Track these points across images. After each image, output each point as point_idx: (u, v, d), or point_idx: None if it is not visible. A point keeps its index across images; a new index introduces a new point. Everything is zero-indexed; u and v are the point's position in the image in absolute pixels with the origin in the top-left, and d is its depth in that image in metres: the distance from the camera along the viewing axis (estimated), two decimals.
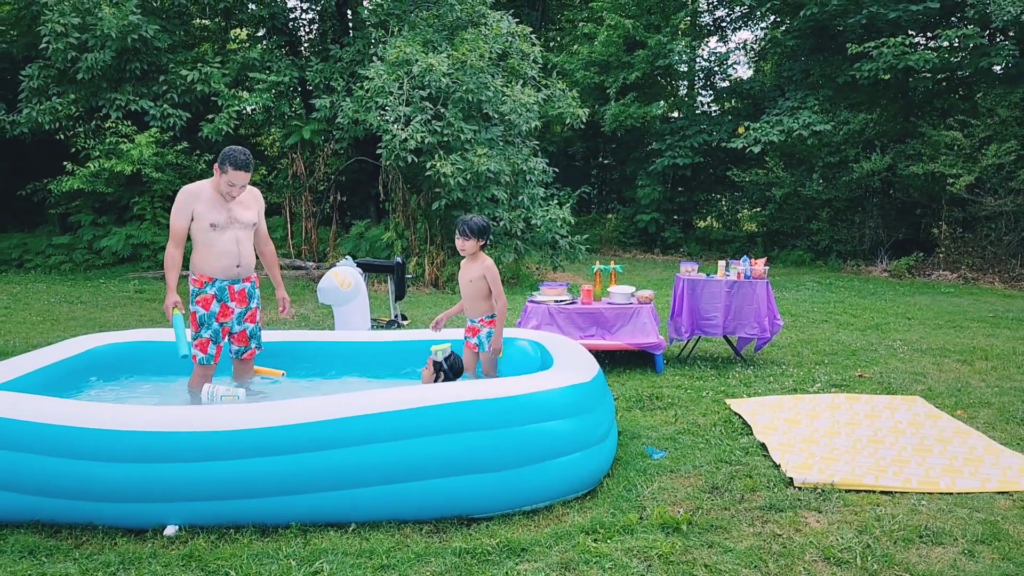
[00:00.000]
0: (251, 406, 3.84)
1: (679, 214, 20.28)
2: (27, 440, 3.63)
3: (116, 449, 3.57)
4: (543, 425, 3.91)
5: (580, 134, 21.58)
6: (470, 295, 4.94)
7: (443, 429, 3.76)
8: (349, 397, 3.84)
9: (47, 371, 4.74)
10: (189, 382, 4.90)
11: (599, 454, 4.12)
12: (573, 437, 3.99)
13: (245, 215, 4.83)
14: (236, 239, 4.78)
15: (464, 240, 4.85)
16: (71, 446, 3.59)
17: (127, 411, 3.71)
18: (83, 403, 3.85)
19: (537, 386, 4.01)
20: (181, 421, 3.63)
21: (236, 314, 4.89)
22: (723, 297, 7.00)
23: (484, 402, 3.84)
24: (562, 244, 12.46)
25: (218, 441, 3.58)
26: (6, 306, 9.98)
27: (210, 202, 4.71)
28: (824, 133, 15.81)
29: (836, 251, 16.71)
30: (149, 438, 3.58)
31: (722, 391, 6.12)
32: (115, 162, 12.72)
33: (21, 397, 3.89)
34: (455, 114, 11.81)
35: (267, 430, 3.62)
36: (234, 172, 4.65)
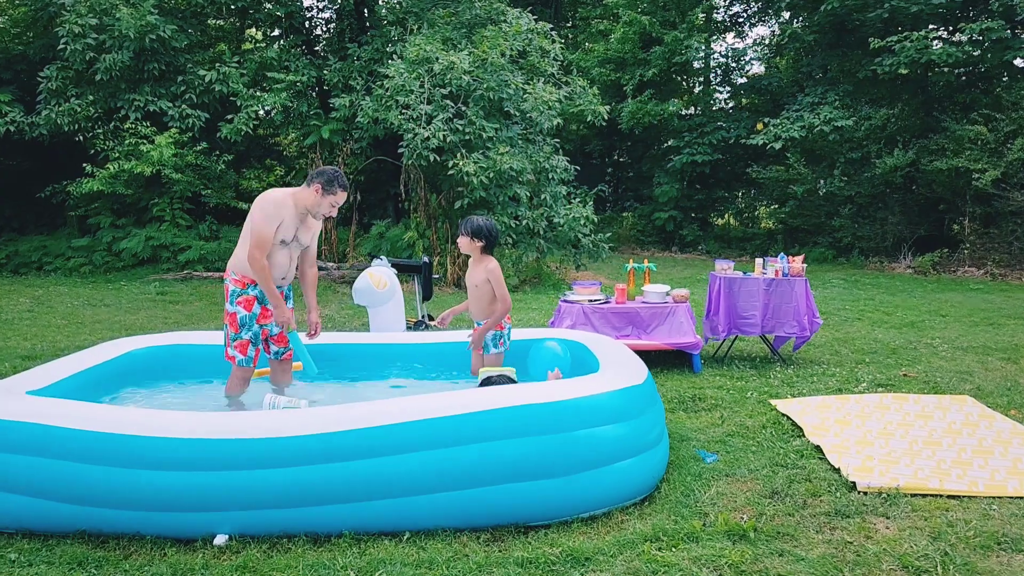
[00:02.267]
0: (301, 412, 3.74)
1: (697, 212, 20.12)
2: (72, 448, 3.53)
3: (165, 456, 3.46)
4: (598, 430, 3.80)
5: (596, 132, 21.45)
6: (476, 298, 4.94)
7: (498, 434, 3.65)
8: (401, 402, 3.74)
9: (85, 375, 4.65)
10: (226, 386, 4.80)
11: (654, 458, 4.01)
12: (628, 441, 3.87)
13: (306, 237, 4.79)
14: (290, 257, 4.75)
15: (461, 237, 4.90)
16: (118, 454, 3.49)
17: (175, 417, 3.61)
18: (129, 409, 3.77)
19: (590, 389, 3.90)
20: (231, 427, 3.53)
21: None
22: (761, 295, 6.86)
23: (539, 406, 3.73)
24: (585, 243, 12.33)
25: (269, 448, 3.48)
26: (29, 309, 9.93)
27: (291, 218, 4.62)
28: (846, 129, 15.63)
29: (859, 248, 16.53)
30: (198, 445, 3.47)
31: (766, 392, 5.99)
32: (135, 163, 12.66)
33: (64, 403, 3.81)
34: (476, 112, 11.70)
35: (319, 436, 3.52)
36: (342, 194, 4.61)
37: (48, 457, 3.56)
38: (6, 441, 3.63)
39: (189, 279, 12.67)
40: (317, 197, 4.58)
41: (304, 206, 4.62)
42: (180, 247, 13.42)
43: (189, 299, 10.89)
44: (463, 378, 5.37)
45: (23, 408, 3.73)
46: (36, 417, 3.63)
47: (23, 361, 6.95)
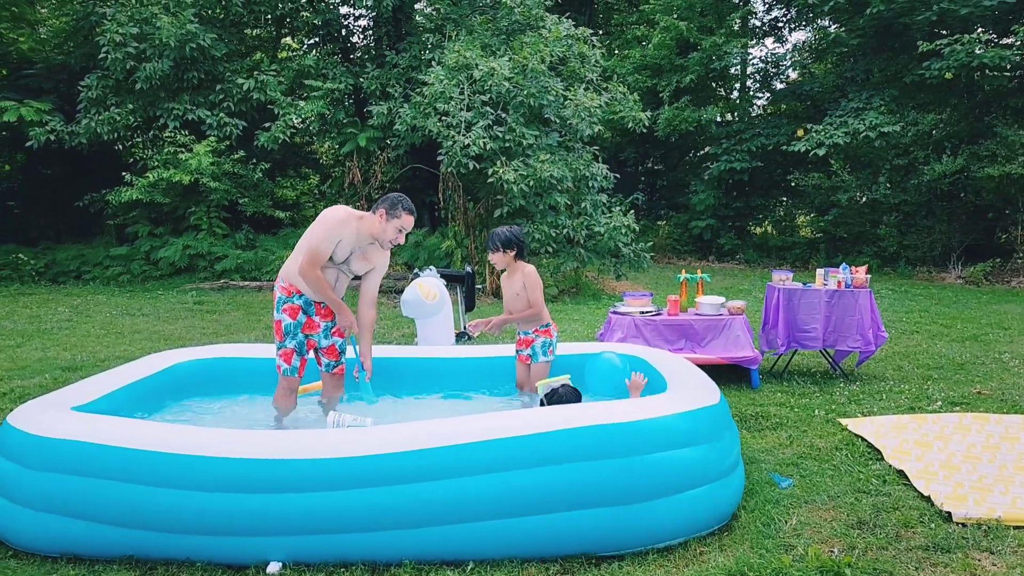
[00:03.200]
0: (357, 431, 3.54)
1: (734, 220, 19.75)
2: (120, 467, 3.36)
3: (218, 477, 3.28)
4: (673, 453, 3.55)
5: (630, 139, 21.18)
6: (519, 308, 4.86)
7: (567, 457, 3.42)
8: (463, 422, 3.52)
9: (129, 390, 4.49)
10: (274, 398, 4.63)
11: (731, 485, 3.75)
12: (704, 466, 3.62)
13: (359, 265, 4.59)
14: (337, 278, 4.56)
15: (492, 254, 4.82)
16: (169, 474, 3.31)
17: (229, 435, 3.43)
18: (180, 426, 3.58)
19: (663, 410, 3.66)
20: (285, 447, 3.33)
21: (322, 328, 4.61)
22: (822, 308, 6.57)
23: (611, 427, 3.49)
24: (625, 252, 12.06)
25: (325, 470, 3.28)
26: (68, 319, 9.88)
27: (350, 239, 4.45)
28: (892, 135, 15.20)
29: (905, 257, 16.07)
30: (250, 466, 3.28)
31: (832, 409, 5.69)
32: (173, 172, 12.63)
33: (110, 420, 3.64)
34: (516, 119, 11.50)
35: (378, 458, 3.31)
36: (408, 217, 4.44)
37: (95, 477, 3.40)
38: (51, 460, 3.47)
39: (226, 288, 12.60)
40: (382, 223, 4.41)
41: (369, 233, 4.46)
42: (217, 256, 13.36)
43: (226, 309, 10.79)
44: (515, 393, 5.15)
45: (69, 425, 3.57)
46: (83, 435, 3.48)
47: (63, 372, 6.85)
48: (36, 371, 6.91)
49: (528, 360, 4.92)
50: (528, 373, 4.96)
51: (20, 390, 6.21)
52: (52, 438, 3.51)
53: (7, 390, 6.21)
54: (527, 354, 4.92)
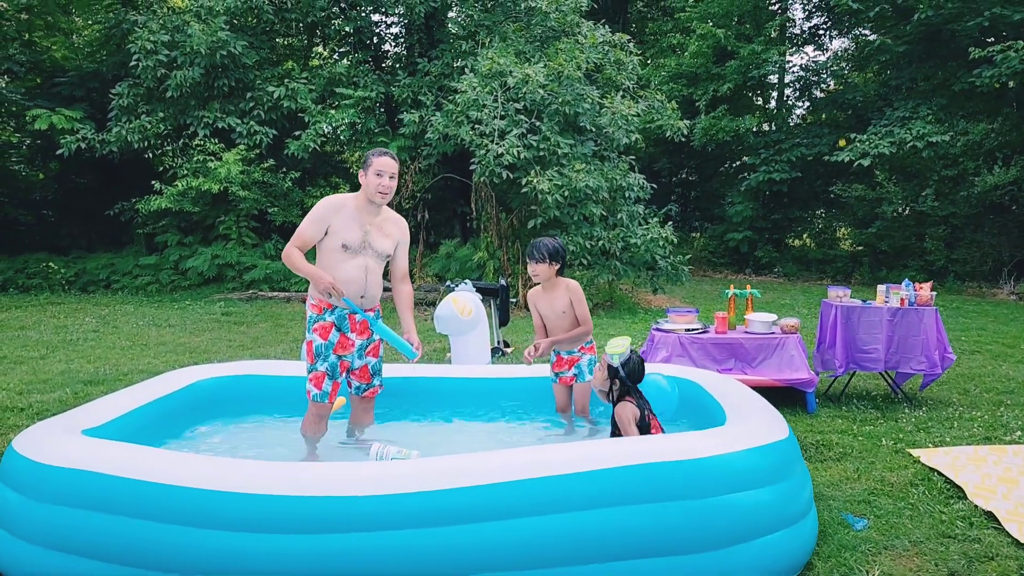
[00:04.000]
0: (410, 464, 3.19)
1: (772, 232, 19.23)
2: (132, 502, 3.05)
3: (241, 516, 2.93)
4: (742, 495, 3.15)
5: (665, 149, 20.77)
6: (564, 326, 4.51)
7: (627, 498, 3.05)
8: (512, 456, 3.16)
9: (146, 410, 4.20)
10: (302, 425, 4.30)
11: (804, 529, 3.34)
12: (776, 510, 3.22)
13: (381, 243, 4.24)
14: (365, 267, 4.18)
15: (535, 264, 4.45)
16: (188, 511, 2.98)
17: (252, 468, 3.08)
18: (199, 457, 3.26)
19: (729, 445, 3.26)
20: (317, 482, 2.98)
21: (357, 346, 4.27)
22: (884, 327, 6.11)
23: (672, 466, 3.11)
24: (663, 265, 11.65)
25: (364, 508, 2.92)
26: (95, 329, 9.69)
27: (350, 219, 4.13)
28: (940, 144, 14.64)
29: (953, 272, 15.45)
30: (280, 504, 2.93)
31: (900, 438, 5.25)
32: (202, 180, 12.47)
33: (122, 448, 3.33)
34: (551, 127, 11.17)
35: (419, 496, 2.95)
36: (377, 159, 4.12)
37: (105, 512, 3.09)
38: (57, 491, 3.17)
39: (254, 299, 12.39)
40: (363, 179, 4.15)
41: (365, 198, 4.16)
42: (246, 266, 13.17)
43: (254, 320, 10.55)
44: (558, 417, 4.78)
45: (77, 452, 3.27)
46: (92, 464, 3.17)
47: (85, 387, 6.61)
48: (57, 385, 6.68)
49: (572, 381, 4.57)
50: (569, 395, 4.62)
51: (38, 405, 5.97)
52: (57, 466, 3.21)
53: (25, 405, 5.97)
54: (571, 375, 4.57)
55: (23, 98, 13.88)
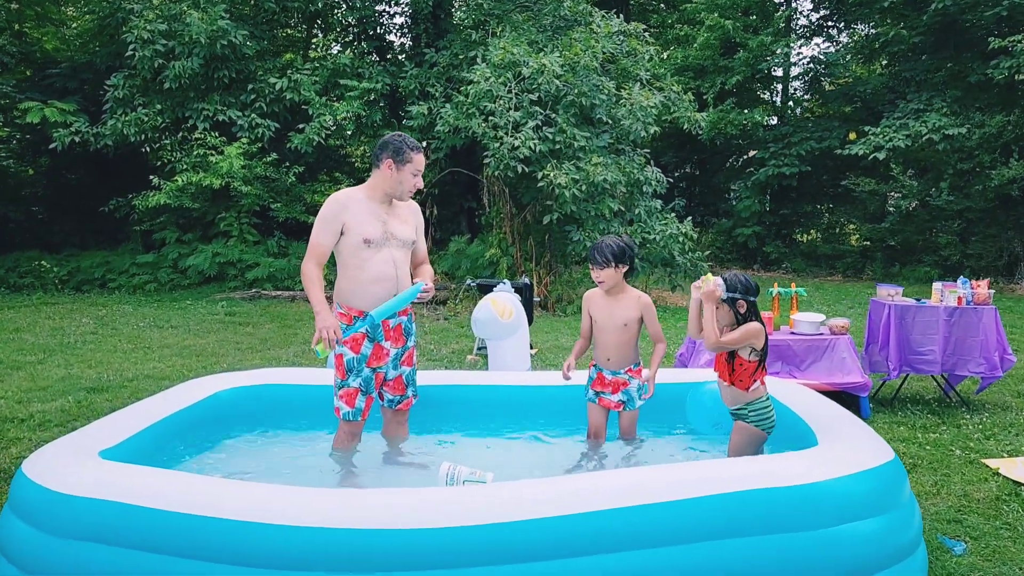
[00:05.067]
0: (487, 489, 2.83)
1: (781, 227, 18.92)
2: (166, 536, 2.68)
3: (292, 552, 2.56)
4: (849, 527, 2.79)
5: (672, 143, 20.42)
6: (620, 342, 3.84)
7: (720, 531, 2.71)
8: (588, 481, 2.79)
9: (165, 425, 3.81)
10: (334, 441, 3.92)
11: (914, 565, 2.96)
12: (885, 543, 2.86)
13: (403, 230, 3.84)
14: (393, 260, 3.76)
15: (599, 270, 3.78)
16: (230, 546, 2.61)
17: (302, 497, 2.69)
18: (241, 484, 2.87)
19: (830, 469, 2.88)
20: (383, 512, 2.60)
21: (392, 356, 3.87)
22: (941, 327, 5.78)
23: (759, 495, 2.74)
24: (680, 261, 11.29)
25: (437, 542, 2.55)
26: (93, 331, 9.26)
27: (365, 212, 3.73)
28: (956, 137, 14.32)
29: (968, 267, 15.16)
30: (337, 537, 2.55)
31: (969, 447, 4.91)
32: (202, 175, 12.02)
33: (151, 474, 2.95)
34: (566, 119, 10.79)
35: (503, 528, 2.58)
36: (417, 156, 3.74)
37: (134, 548, 2.71)
38: (76, 524, 2.79)
39: (258, 298, 11.96)
40: (393, 174, 3.72)
41: (383, 191, 3.76)
42: (248, 264, 12.73)
43: (260, 320, 10.14)
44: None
45: (98, 478, 2.89)
46: (118, 492, 2.79)
47: (88, 394, 6.20)
48: (58, 393, 6.26)
49: (620, 407, 3.94)
50: (606, 418, 4.02)
51: (40, 416, 5.56)
52: (78, 496, 2.83)
53: (26, 415, 5.57)
54: (618, 400, 3.92)
55: (13, 90, 13.38)
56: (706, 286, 3.44)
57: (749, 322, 3.46)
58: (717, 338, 3.41)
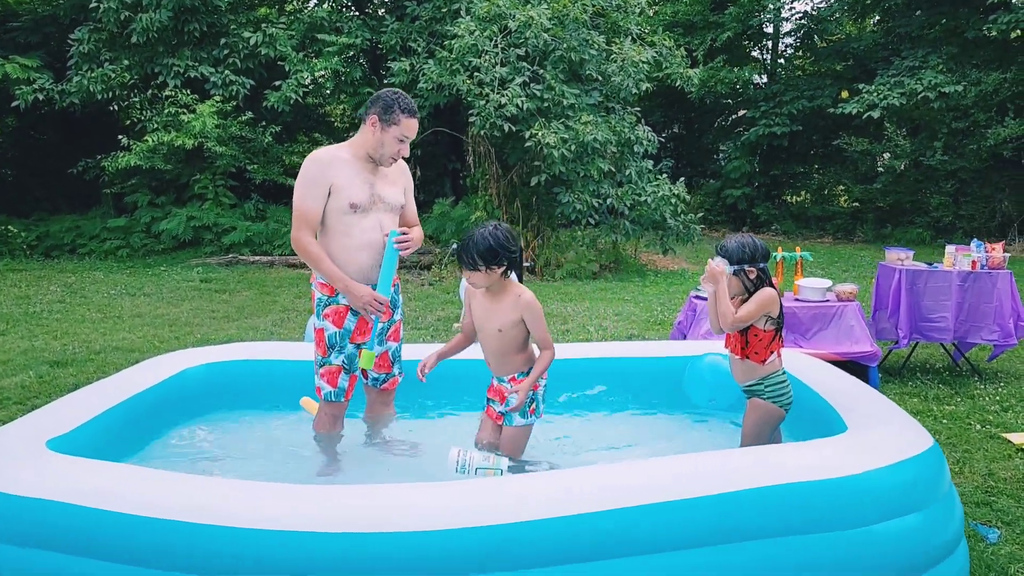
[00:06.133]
0: (502, 480, 2.51)
1: (771, 189, 18.61)
2: (126, 544, 2.35)
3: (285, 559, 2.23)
4: (885, 525, 2.49)
5: (660, 102, 19.96)
6: (499, 348, 3.19)
7: (747, 531, 2.41)
8: (610, 473, 2.48)
9: (126, 409, 3.44)
10: (315, 424, 3.59)
11: (956, 566, 2.67)
12: (926, 541, 2.57)
13: (391, 193, 3.47)
14: (380, 226, 3.39)
15: (469, 272, 3.10)
16: (203, 554, 2.28)
17: (291, 495, 2.37)
18: (215, 481, 2.52)
19: (865, 460, 2.57)
20: (386, 512, 2.27)
21: (378, 331, 3.53)
22: (954, 293, 5.51)
23: (784, 489, 2.44)
24: (672, 224, 10.96)
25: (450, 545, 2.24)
26: (61, 300, 8.83)
27: (351, 173, 3.34)
28: (952, 95, 13.99)
29: (961, 229, 14.94)
30: (330, 543, 2.22)
31: (987, 420, 4.67)
32: (175, 135, 11.48)
33: (105, 469, 2.60)
34: (555, 76, 10.34)
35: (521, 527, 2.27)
36: (407, 121, 3.30)
37: (89, 557, 2.37)
38: (22, 529, 2.45)
39: (235, 264, 11.52)
40: (376, 134, 3.31)
41: (366, 151, 3.37)
42: (224, 228, 12.26)
43: (237, 287, 9.74)
44: (631, 407, 4.10)
45: (45, 476, 2.54)
46: (66, 492, 2.43)
47: (51, 368, 5.82)
48: (19, 367, 5.87)
49: (500, 420, 3.30)
50: (496, 433, 3.32)
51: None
52: (19, 496, 2.48)
53: None
54: (499, 412, 3.29)
55: None
56: (707, 268, 3.11)
57: (762, 289, 3.14)
58: (733, 315, 3.08)
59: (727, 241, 3.19)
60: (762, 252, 3.17)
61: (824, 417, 3.23)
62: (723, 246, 3.17)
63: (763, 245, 3.19)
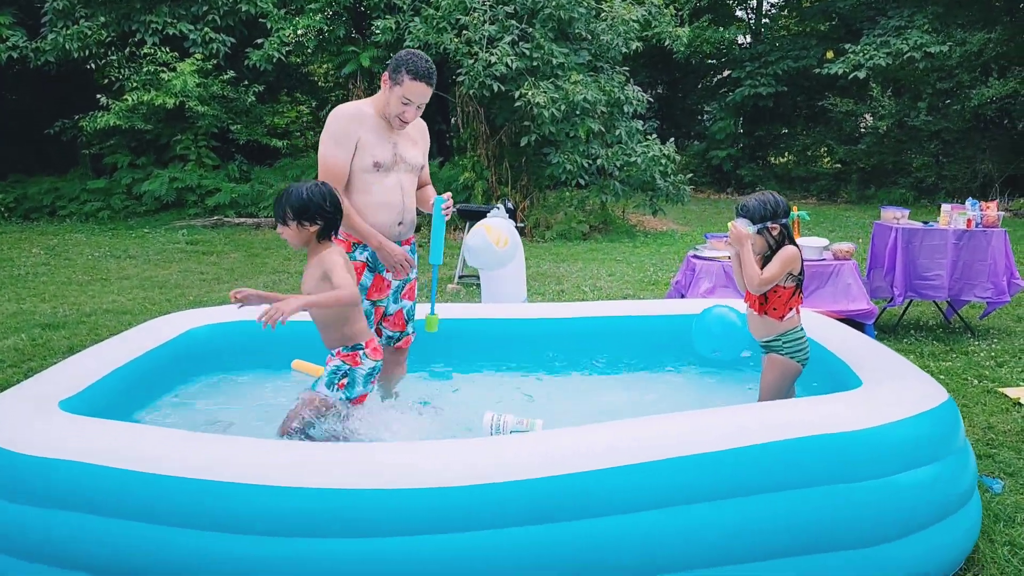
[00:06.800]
0: (536, 437, 2.51)
1: (756, 150, 18.63)
2: (146, 503, 2.31)
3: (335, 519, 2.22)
4: (899, 477, 2.52)
5: (645, 62, 19.82)
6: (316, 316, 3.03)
7: (763, 484, 2.42)
8: (627, 428, 2.48)
9: (132, 370, 3.40)
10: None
11: (969, 517, 2.71)
12: (939, 493, 2.60)
13: (412, 154, 3.42)
14: (401, 186, 3.36)
15: (280, 225, 2.90)
16: (234, 514, 2.26)
17: (320, 453, 2.36)
18: (235, 440, 2.49)
19: (884, 414, 2.59)
20: (416, 469, 2.26)
21: (393, 289, 3.50)
22: (949, 251, 5.56)
23: (806, 442, 2.45)
24: (662, 185, 10.94)
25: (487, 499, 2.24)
26: (44, 263, 8.68)
27: (375, 131, 3.29)
28: (937, 56, 14.01)
29: (944, 189, 15.08)
30: (364, 500, 2.22)
31: (983, 375, 4.74)
32: (154, 94, 11.23)
33: (124, 429, 2.57)
34: (544, 34, 10.21)
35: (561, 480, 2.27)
36: (412, 83, 3.19)
37: (110, 516, 2.34)
38: (42, 490, 2.41)
39: (220, 226, 11.38)
40: (385, 92, 3.26)
41: (382, 111, 3.31)
42: (208, 190, 12.07)
43: (224, 249, 9.62)
44: (629, 368, 4.12)
45: (62, 435, 2.50)
46: (84, 452, 2.40)
47: (44, 331, 5.73)
48: (11, 329, 5.78)
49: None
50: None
51: None
52: (34, 456, 2.44)
53: None
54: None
55: None
56: (730, 231, 3.10)
57: (784, 247, 3.15)
58: (759, 276, 3.09)
59: (747, 200, 3.17)
60: (783, 208, 3.16)
61: (837, 373, 3.26)
62: (744, 206, 3.15)
63: (783, 201, 3.18)
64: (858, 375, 3.08)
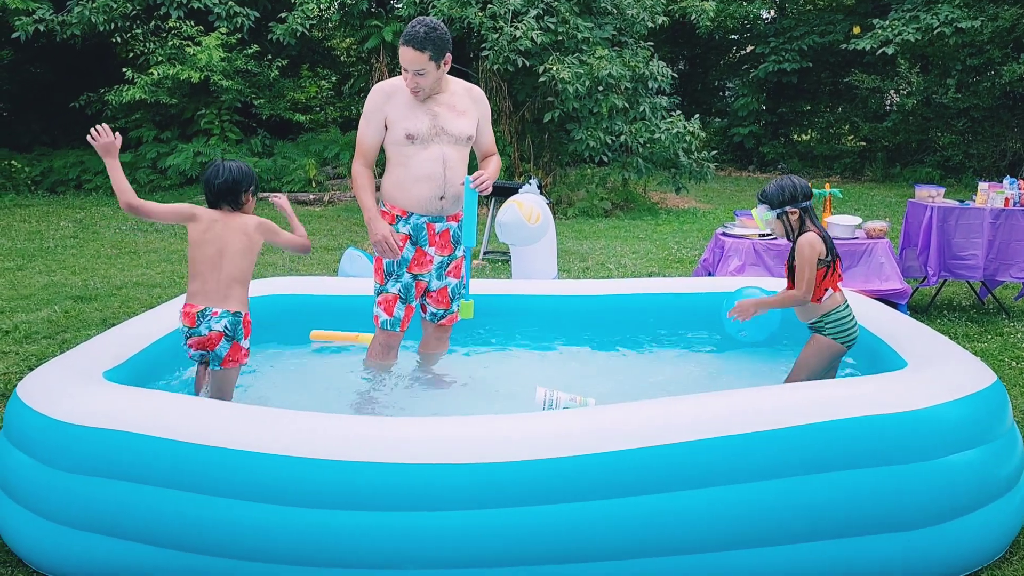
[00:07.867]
0: (590, 413, 2.52)
1: (779, 127, 18.39)
2: (191, 473, 2.36)
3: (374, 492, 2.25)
4: (948, 459, 2.49)
5: (667, 37, 19.57)
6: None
7: (808, 465, 2.41)
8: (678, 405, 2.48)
9: (172, 341, 3.43)
10: (369, 351, 3.59)
11: (1014, 501, 2.68)
12: (987, 476, 2.58)
13: (456, 124, 3.38)
14: (443, 158, 3.34)
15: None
16: (276, 484, 2.30)
17: (363, 426, 2.39)
18: (277, 412, 2.50)
19: (932, 395, 2.56)
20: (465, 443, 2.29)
21: (436, 264, 3.50)
22: (985, 230, 5.49)
23: (852, 423, 2.43)
24: (686, 162, 10.84)
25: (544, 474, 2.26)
26: (73, 235, 8.74)
27: (408, 104, 3.29)
28: (968, 31, 13.72)
29: (971, 168, 14.84)
30: (402, 474, 2.24)
31: (1021, 357, 4.69)
32: (179, 68, 11.22)
33: (168, 399, 2.61)
34: (569, 8, 10.10)
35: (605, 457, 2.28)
36: (400, 49, 3.23)
37: (152, 484, 2.38)
38: (84, 458, 2.46)
39: None
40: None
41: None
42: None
43: None
44: (661, 345, 4.11)
45: (107, 405, 2.54)
46: (132, 422, 2.44)
47: (75, 303, 5.79)
48: (43, 301, 5.84)
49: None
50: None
51: (25, 327, 5.16)
52: (84, 426, 2.47)
53: (10, 327, 5.16)
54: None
55: None
56: (735, 307, 3.28)
57: (803, 234, 3.13)
58: (796, 294, 3.17)
59: (767, 186, 3.18)
60: (802, 192, 3.15)
61: (880, 354, 3.24)
62: (763, 191, 3.17)
63: (804, 184, 3.17)
64: (902, 356, 3.05)
